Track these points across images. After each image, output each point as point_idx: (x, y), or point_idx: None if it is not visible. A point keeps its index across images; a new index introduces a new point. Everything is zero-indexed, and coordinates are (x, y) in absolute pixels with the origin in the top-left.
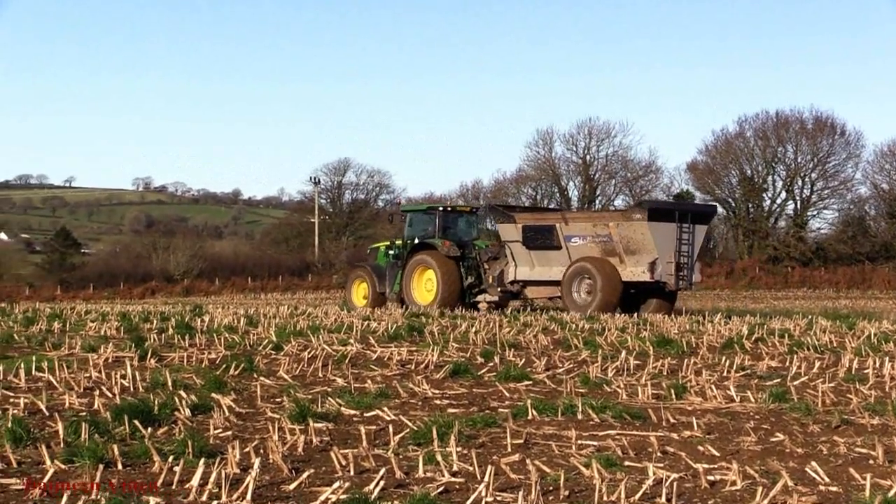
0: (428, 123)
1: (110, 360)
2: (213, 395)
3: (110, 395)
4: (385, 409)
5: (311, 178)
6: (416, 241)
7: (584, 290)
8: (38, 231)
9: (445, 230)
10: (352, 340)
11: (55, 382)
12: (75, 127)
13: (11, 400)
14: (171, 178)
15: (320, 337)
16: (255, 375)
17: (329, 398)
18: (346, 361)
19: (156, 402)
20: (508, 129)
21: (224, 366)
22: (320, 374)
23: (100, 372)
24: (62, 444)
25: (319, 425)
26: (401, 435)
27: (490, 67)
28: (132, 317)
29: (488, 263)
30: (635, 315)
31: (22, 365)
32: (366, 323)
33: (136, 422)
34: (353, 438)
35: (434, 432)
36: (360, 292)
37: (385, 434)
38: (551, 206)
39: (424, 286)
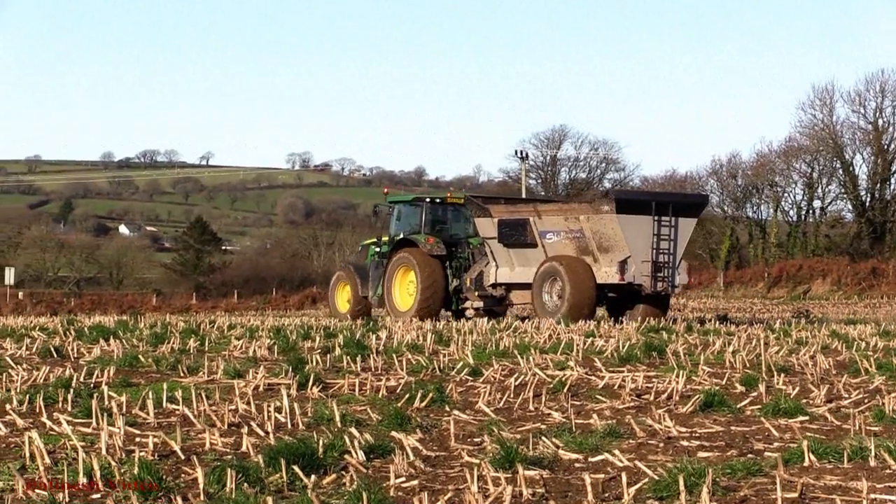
0: (669, 83)
1: (261, 389)
2: (394, 433)
3: (262, 433)
4: (616, 451)
5: (516, 153)
6: (402, 237)
7: (555, 293)
8: (167, 223)
9: (434, 225)
10: (571, 363)
11: (192, 417)
12: (213, 93)
13: (138, 439)
14: (336, 153)
15: (530, 358)
16: (448, 408)
17: (543, 438)
18: (565, 390)
19: (320, 443)
20: (775, 87)
21: (407, 396)
22: (531, 407)
23: (248, 403)
24: (202, 496)
25: (531, 473)
26: (637, 486)
27: (748, 9)
28: (288, 333)
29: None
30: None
31: (150, 395)
32: (589, 341)
33: (296, 467)
34: (574, 490)
35: (681, 482)
36: (343, 296)
37: (616, 485)
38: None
39: (406, 290)
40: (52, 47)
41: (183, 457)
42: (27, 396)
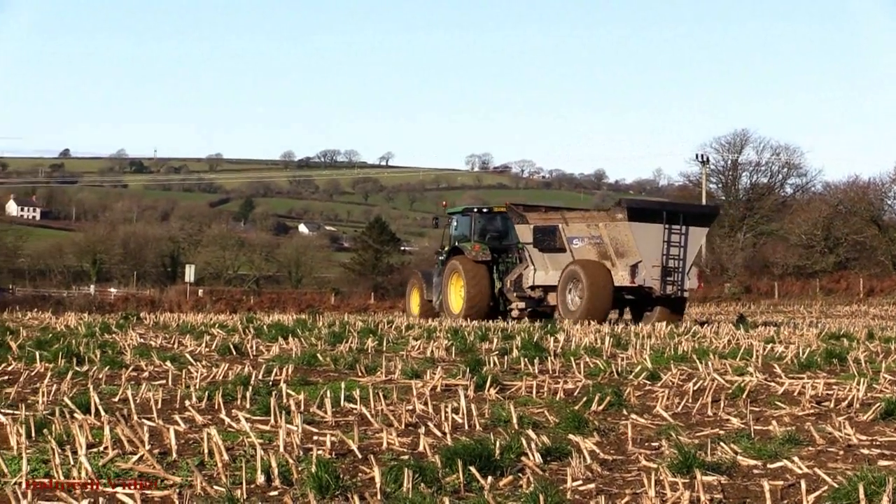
0: (855, 87)
1: (439, 390)
2: (571, 436)
3: (439, 433)
4: (795, 459)
5: (697, 157)
6: (454, 245)
7: (577, 295)
8: (346, 223)
9: (484, 233)
10: (750, 368)
11: (369, 416)
12: (393, 93)
13: (316, 438)
14: (516, 155)
15: (709, 363)
16: (625, 412)
17: (721, 444)
18: (744, 396)
19: (497, 444)
20: None
21: (584, 399)
22: (709, 412)
23: (426, 404)
24: (379, 495)
25: (709, 479)
26: (816, 493)
27: None
28: (466, 334)
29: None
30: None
31: (328, 394)
32: (769, 346)
33: (473, 469)
34: (752, 497)
35: (861, 491)
36: (415, 300)
37: (795, 492)
38: None
39: (459, 293)
40: (234, 51)
41: (360, 456)
42: (206, 393)
